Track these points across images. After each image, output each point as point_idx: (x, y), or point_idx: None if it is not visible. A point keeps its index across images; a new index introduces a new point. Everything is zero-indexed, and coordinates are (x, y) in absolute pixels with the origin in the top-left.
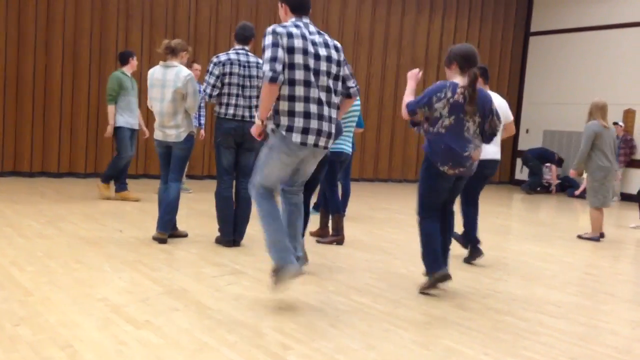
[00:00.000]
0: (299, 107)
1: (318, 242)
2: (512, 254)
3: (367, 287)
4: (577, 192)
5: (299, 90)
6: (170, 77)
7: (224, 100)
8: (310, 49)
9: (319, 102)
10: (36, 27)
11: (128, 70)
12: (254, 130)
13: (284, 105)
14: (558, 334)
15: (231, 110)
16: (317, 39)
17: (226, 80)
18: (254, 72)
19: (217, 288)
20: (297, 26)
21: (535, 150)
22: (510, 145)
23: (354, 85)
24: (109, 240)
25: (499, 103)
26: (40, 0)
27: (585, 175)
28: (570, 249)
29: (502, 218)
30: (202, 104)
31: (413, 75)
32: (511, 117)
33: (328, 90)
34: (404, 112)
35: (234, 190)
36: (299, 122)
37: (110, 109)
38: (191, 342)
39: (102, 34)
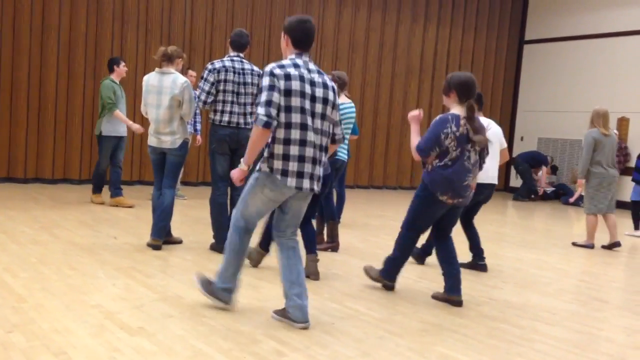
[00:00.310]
0: (294, 150)
1: None
2: (506, 261)
3: (362, 294)
4: (571, 200)
5: (295, 134)
6: (167, 83)
7: (219, 107)
8: (308, 90)
9: (314, 146)
10: (31, 32)
11: (116, 77)
12: (238, 175)
13: (278, 149)
14: (553, 341)
15: (226, 117)
16: (317, 78)
17: (221, 87)
18: (248, 79)
19: None
20: (296, 65)
21: (525, 154)
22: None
23: (340, 132)
24: (103, 247)
25: (495, 130)
26: (36, 5)
27: (578, 182)
28: (565, 256)
29: (496, 225)
30: (197, 111)
31: (415, 118)
32: (505, 144)
33: (323, 133)
34: (416, 156)
35: (228, 197)
36: (293, 167)
37: (117, 114)
38: (185, 348)
39: (97, 39)
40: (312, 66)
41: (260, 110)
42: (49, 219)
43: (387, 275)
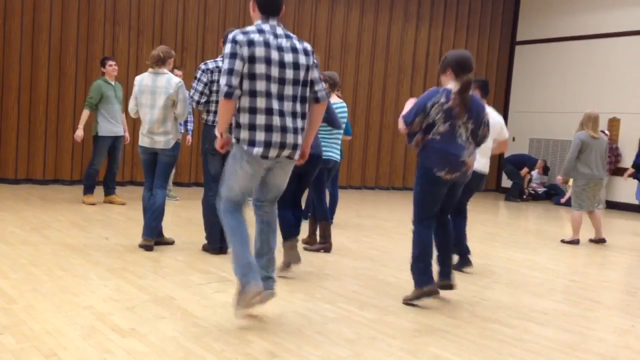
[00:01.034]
0: (260, 119)
1: (305, 249)
2: (498, 262)
3: (354, 295)
4: (562, 200)
5: (261, 102)
6: (161, 84)
7: (212, 107)
8: (275, 56)
9: (281, 114)
10: (22, 33)
11: (108, 77)
12: (218, 144)
13: (244, 118)
14: (544, 342)
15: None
16: (285, 43)
17: (214, 88)
18: None
19: (203, 296)
20: (260, 31)
21: (513, 156)
22: (497, 154)
23: (322, 88)
24: (95, 248)
25: (497, 119)
26: (26, 6)
27: (570, 183)
28: (556, 256)
29: (488, 225)
30: (190, 111)
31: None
32: (507, 135)
33: (294, 99)
34: (402, 125)
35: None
36: (260, 136)
37: (84, 114)
38: (177, 350)
39: (89, 40)
40: (279, 31)
41: (222, 80)
42: (39, 219)
43: (421, 283)
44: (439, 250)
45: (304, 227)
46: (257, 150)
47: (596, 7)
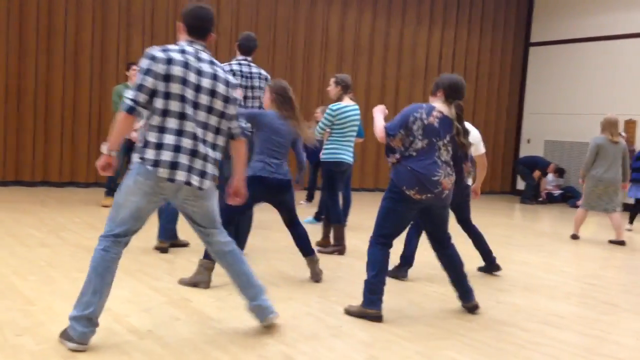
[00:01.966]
0: (169, 139)
1: (319, 252)
2: (514, 265)
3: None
4: (579, 202)
5: (172, 123)
6: None
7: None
8: (192, 78)
9: (194, 138)
10: (38, 37)
11: (130, 81)
12: (100, 163)
13: (153, 137)
14: (561, 345)
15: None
16: (206, 68)
17: None
18: (256, 83)
19: (218, 298)
20: (183, 51)
21: (525, 157)
22: (511, 156)
23: (236, 127)
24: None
25: (474, 134)
26: (42, 11)
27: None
28: (573, 259)
29: (503, 228)
30: None
31: (381, 110)
32: (483, 150)
33: (206, 127)
34: (382, 135)
35: None
36: (166, 156)
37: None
38: (194, 352)
39: (103, 44)
40: (204, 56)
41: (130, 94)
42: (56, 221)
43: (367, 303)
44: (449, 275)
45: (318, 230)
46: (163, 171)
47: (611, 8)
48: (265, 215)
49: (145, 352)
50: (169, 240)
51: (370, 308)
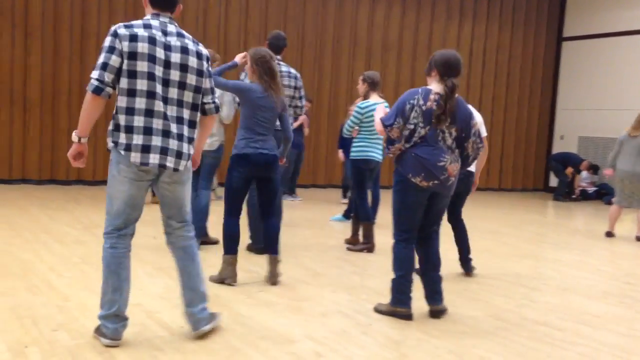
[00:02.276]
0: (139, 121)
1: (349, 249)
2: (547, 263)
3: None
4: (613, 200)
5: (140, 103)
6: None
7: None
8: (160, 54)
9: (165, 117)
10: (71, 39)
11: None
12: (71, 152)
13: (122, 120)
14: (597, 345)
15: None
16: (174, 42)
17: None
18: (285, 81)
19: (248, 295)
20: (147, 26)
21: (557, 154)
22: (544, 153)
23: (211, 100)
24: (143, 247)
25: (476, 118)
26: (75, 13)
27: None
28: (609, 257)
29: (536, 226)
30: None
31: (381, 109)
32: (484, 134)
33: (180, 104)
34: (380, 129)
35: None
36: (138, 139)
37: None
38: (224, 348)
39: None
40: (171, 29)
41: (94, 73)
42: (90, 219)
43: (395, 302)
44: (422, 272)
45: (347, 228)
46: (135, 156)
47: None
48: (294, 213)
49: (177, 348)
50: (199, 238)
51: (399, 307)
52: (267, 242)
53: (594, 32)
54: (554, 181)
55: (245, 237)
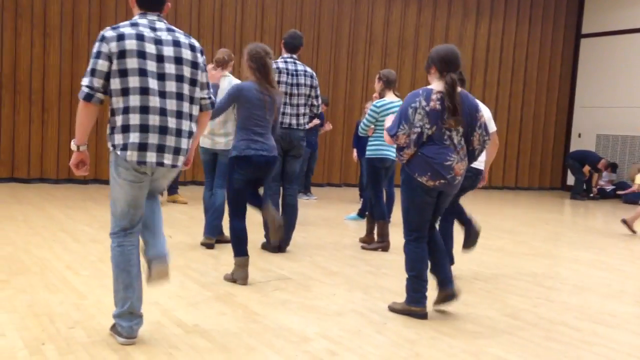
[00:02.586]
0: (135, 119)
1: (363, 248)
2: (564, 262)
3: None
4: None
5: (135, 100)
6: (223, 86)
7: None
8: (150, 49)
9: (162, 113)
10: (89, 40)
11: None
12: (72, 161)
13: (118, 121)
14: (614, 345)
15: (279, 119)
16: (165, 36)
17: None
18: (301, 80)
19: (263, 293)
20: (134, 25)
21: (575, 152)
22: (562, 151)
23: (207, 96)
24: None
25: (485, 113)
26: (93, 15)
27: (636, 179)
28: (627, 256)
29: (553, 224)
30: None
31: (390, 119)
32: (494, 128)
33: (179, 97)
34: (388, 138)
35: (280, 196)
36: (134, 138)
37: None
38: (239, 346)
39: None
40: (160, 25)
41: (83, 80)
42: (106, 218)
43: (410, 301)
44: (431, 262)
45: (362, 226)
46: (131, 154)
47: None
48: (308, 212)
49: (193, 346)
50: (214, 236)
51: (414, 306)
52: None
53: (612, 28)
54: (571, 179)
55: (260, 236)
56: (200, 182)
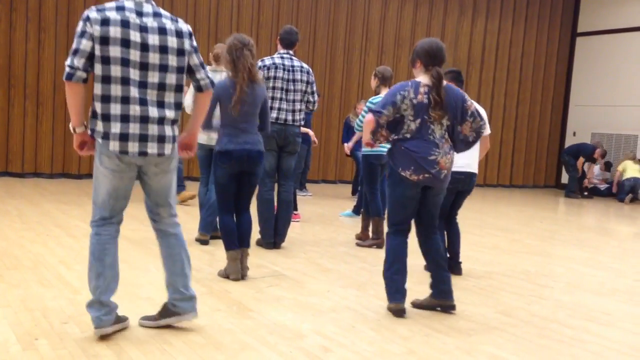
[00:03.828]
0: (115, 109)
1: (358, 245)
2: (558, 260)
3: (408, 292)
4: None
5: (116, 90)
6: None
7: (268, 103)
8: (135, 37)
9: (142, 103)
10: None
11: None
12: (75, 144)
13: (98, 108)
14: (606, 342)
15: (274, 114)
16: (151, 23)
17: (270, 84)
18: (297, 76)
19: (258, 289)
20: (120, 9)
21: (570, 147)
22: (557, 149)
23: (204, 77)
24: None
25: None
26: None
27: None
28: (619, 255)
29: (547, 223)
30: None
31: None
32: (488, 131)
33: (161, 87)
34: (369, 119)
35: (275, 192)
36: (115, 128)
37: None
38: (233, 342)
39: None
40: (147, 9)
41: (67, 61)
42: None
43: (388, 297)
44: (429, 270)
45: (357, 223)
46: (113, 144)
47: None
48: (304, 208)
49: (187, 342)
50: (209, 233)
51: (391, 302)
52: (240, 235)
53: (608, 27)
54: (565, 178)
55: (254, 232)
56: (195, 177)
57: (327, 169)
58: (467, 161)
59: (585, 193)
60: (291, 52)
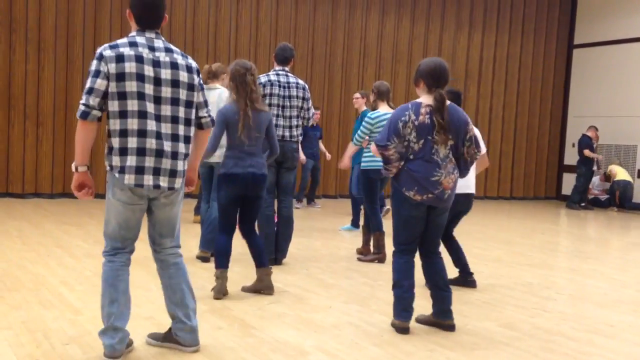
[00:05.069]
0: (132, 143)
1: (359, 260)
2: (560, 272)
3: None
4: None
5: (132, 124)
6: (212, 99)
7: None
8: (149, 72)
9: (158, 137)
10: (83, 54)
11: None
12: (73, 185)
13: (115, 142)
14: (611, 355)
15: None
16: (163, 57)
17: (266, 101)
18: (293, 92)
19: (259, 306)
20: (133, 44)
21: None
22: (556, 160)
23: (207, 114)
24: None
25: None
26: (87, 29)
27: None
28: (622, 266)
29: (548, 234)
30: None
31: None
32: (484, 150)
33: (175, 120)
34: (374, 149)
35: (275, 209)
36: (131, 161)
37: None
38: None
39: None
40: (158, 44)
41: (82, 99)
42: (102, 233)
43: (395, 315)
44: (430, 288)
45: (358, 237)
46: (128, 177)
47: None
48: (304, 223)
49: None
50: (210, 250)
51: (396, 319)
52: (255, 256)
53: (604, 39)
54: (566, 189)
55: None
56: (194, 195)
57: (327, 183)
58: (464, 182)
59: (583, 204)
60: (286, 68)
